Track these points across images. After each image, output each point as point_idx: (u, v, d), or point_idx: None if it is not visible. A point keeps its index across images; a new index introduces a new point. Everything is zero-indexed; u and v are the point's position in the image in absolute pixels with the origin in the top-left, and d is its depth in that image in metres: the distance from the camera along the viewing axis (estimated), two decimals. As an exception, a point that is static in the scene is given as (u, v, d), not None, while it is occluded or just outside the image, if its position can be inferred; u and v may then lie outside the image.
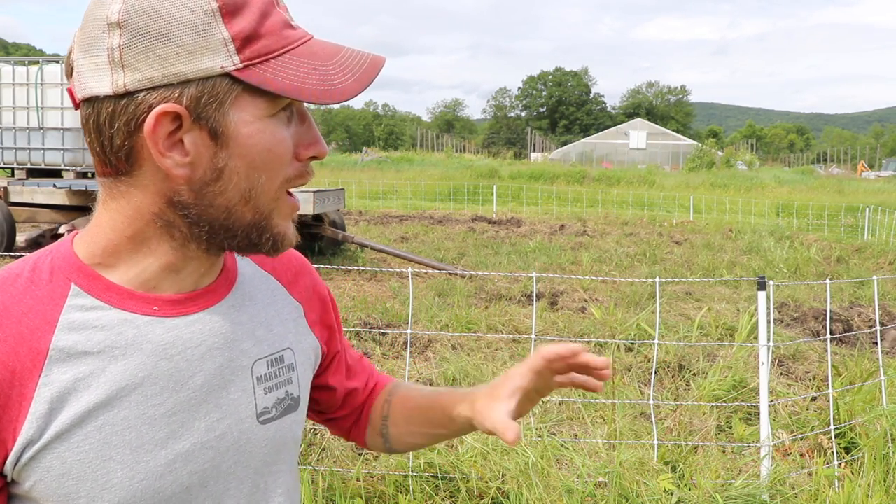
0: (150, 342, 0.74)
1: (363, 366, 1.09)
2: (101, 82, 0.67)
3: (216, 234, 0.74)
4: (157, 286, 0.76)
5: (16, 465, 0.69)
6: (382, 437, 1.05)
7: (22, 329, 0.69)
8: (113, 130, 0.68)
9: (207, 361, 0.77)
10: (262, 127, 0.70)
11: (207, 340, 0.77)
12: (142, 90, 0.67)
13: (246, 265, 0.88)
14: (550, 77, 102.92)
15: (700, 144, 43.98)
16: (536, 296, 6.79)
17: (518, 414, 0.89)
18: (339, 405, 1.05)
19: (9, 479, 0.70)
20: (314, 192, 8.60)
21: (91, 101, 0.69)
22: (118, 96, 0.67)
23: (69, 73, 0.72)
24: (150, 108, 0.67)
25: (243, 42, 0.68)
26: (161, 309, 0.75)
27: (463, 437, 3.36)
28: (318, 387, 1.01)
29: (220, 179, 0.71)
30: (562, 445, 3.42)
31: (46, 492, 0.69)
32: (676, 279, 7.16)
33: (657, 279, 3.94)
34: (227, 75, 0.68)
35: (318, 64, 0.71)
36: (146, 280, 0.75)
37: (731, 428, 3.86)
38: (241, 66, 0.68)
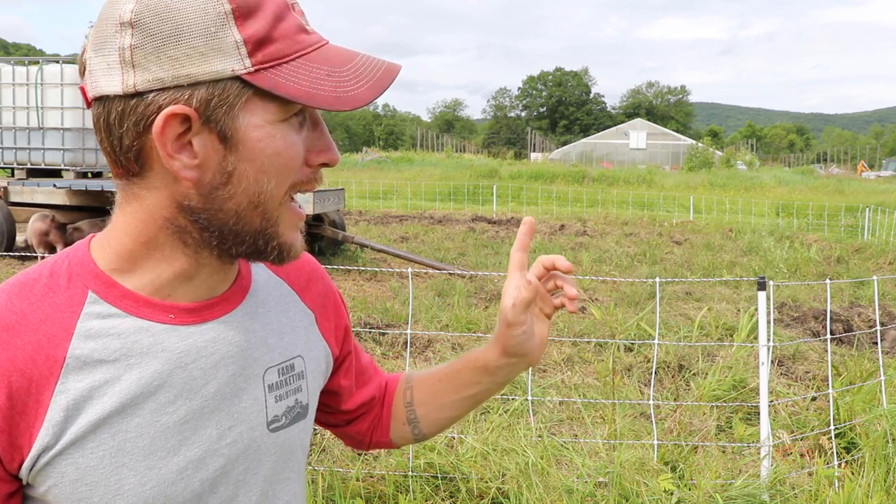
0: (165, 350, 0.74)
1: (375, 369, 1.08)
2: (111, 81, 0.67)
3: (226, 239, 0.73)
4: (171, 294, 0.75)
5: (31, 469, 0.69)
6: (410, 423, 1.04)
7: (39, 337, 0.69)
8: (122, 130, 0.68)
9: (221, 370, 0.77)
10: (272, 131, 0.70)
11: (221, 349, 0.78)
12: (151, 91, 0.66)
13: (260, 270, 0.88)
14: (550, 77, 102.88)
15: (697, 143, 44.02)
16: (536, 296, 6.78)
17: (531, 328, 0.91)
18: (352, 412, 1.05)
19: (24, 482, 0.71)
20: (314, 192, 8.59)
21: (102, 100, 0.68)
22: (128, 96, 0.67)
23: (81, 71, 0.71)
24: (160, 109, 0.66)
25: (255, 45, 0.67)
26: (177, 317, 0.75)
27: (462, 437, 3.36)
28: (329, 391, 1.00)
29: (229, 183, 0.70)
30: (562, 445, 3.42)
31: (60, 496, 0.70)
32: (676, 279, 7.16)
33: (657, 279, 3.94)
34: (238, 78, 0.67)
35: (332, 70, 0.70)
36: (160, 287, 0.75)
37: (731, 428, 3.86)
38: (252, 69, 0.67)
